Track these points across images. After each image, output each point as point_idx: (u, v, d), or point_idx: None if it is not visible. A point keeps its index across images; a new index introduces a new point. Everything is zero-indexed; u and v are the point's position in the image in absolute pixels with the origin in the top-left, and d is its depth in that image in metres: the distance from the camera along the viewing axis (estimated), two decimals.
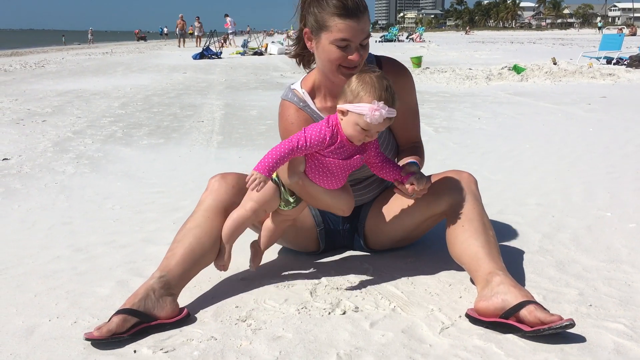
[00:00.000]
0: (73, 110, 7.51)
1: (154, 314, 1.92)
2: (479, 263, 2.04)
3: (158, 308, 1.94)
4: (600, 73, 11.47)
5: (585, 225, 2.95)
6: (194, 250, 2.10)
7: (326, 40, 2.04)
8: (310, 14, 2.06)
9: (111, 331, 1.81)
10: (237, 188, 2.23)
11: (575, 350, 1.76)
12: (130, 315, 1.87)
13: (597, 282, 2.26)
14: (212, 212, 2.17)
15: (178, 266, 2.06)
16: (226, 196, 2.20)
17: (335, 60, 2.05)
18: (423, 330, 1.91)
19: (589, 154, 4.66)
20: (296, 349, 1.80)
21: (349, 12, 1.99)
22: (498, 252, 2.11)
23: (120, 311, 1.89)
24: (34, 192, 3.70)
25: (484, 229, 2.13)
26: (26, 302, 2.15)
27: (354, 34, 2.01)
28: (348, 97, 1.94)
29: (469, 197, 2.20)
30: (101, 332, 1.80)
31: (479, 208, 2.20)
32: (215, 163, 4.61)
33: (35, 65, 17.31)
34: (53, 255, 2.64)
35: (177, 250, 2.10)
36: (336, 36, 2.01)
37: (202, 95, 9.26)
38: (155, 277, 2.02)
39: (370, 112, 1.88)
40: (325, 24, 2.02)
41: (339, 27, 2.00)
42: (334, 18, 2.00)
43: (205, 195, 2.23)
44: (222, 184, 2.23)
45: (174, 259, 2.08)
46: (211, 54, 20.46)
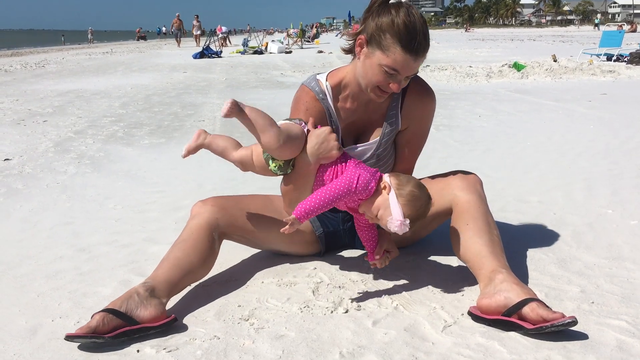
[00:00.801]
0: (74, 110, 7.52)
1: (136, 315, 1.88)
2: (482, 261, 2.05)
3: (141, 309, 1.90)
4: (600, 70, 11.46)
5: (587, 222, 2.95)
6: (179, 258, 2.12)
7: (377, 60, 2.00)
8: (376, 26, 1.99)
9: (91, 328, 1.78)
10: (217, 207, 2.27)
11: (578, 347, 1.76)
12: (111, 314, 1.84)
13: (599, 279, 2.27)
14: (196, 228, 2.21)
15: (164, 274, 2.07)
16: (208, 215, 2.24)
17: (377, 82, 2.05)
18: (425, 328, 1.91)
19: (589, 151, 4.66)
20: (299, 347, 1.80)
21: (413, 49, 1.96)
22: (502, 250, 2.11)
23: (101, 310, 1.87)
24: (35, 193, 3.71)
25: (488, 228, 2.13)
26: (29, 302, 2.15)
27: (406, 69, 2.00)
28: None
29: (475, 197, 2.20)
30: (81, 330, 1.78)
31: (484, 208, 2.20)
32: (216, 162, 4.59)
33: (35, 66, 17.31)
34: (55, 255, 2.64)
35: (163, 262, 2.13)
36: (389, 63, 1.98)
37: (203, 95, 9.26)
38: (141, 283, 2.02)
39: (400, 225, 1.94)
40: (385, 45, 1.97)
41: (396, 57, 1.97)
42: (397, 46, 1.96)
43: (189, 219, 2.28)
44: (202, 207, 2.28)
45: (160, 269, 2.10)
46: (211, 53, 20.46)
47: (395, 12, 1.97)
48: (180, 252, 2.14)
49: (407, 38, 1.94)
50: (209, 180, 3.97)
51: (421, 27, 1.97)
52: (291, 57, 19.70)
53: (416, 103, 2.24)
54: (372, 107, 2.26)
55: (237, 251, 2.62)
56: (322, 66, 14.86)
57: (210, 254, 2.21)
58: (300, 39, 30.09)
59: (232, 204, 2.34)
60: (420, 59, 2.00)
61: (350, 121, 2.28)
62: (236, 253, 2.60)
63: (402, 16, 1.95)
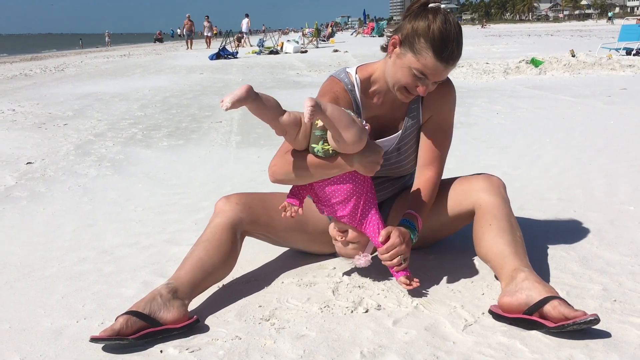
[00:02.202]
0: (93, 113, 7.61)
1: (159, 317, 1.90)
2: (504, 260, 2.04)
3: (164, 311, 1.92)
4: (619, 64, 11.32)
5: (608, 219, 2.92)
6: (202, 259, 2.12)
7: (408, 62, 2.03)
8: (412, 29, 2.01)
9: (115, 331, 1.81)
10: (241, 205, 2.26)
11: (600, 346, 1.75)
12: (135, 316, 1.87)
13: (621, 277, 2.25)
14: (219, 228, 2.20)
15: (186, 275, 2.07)
16: (232, 213, 2.23)
17: (405, 83, 2.08)
18: (446, 327, 1.91)
19: (610, 147, 4.61)
20: (320, 347, 1.81)
21: (444, 57, 1.98)
22: (524, 250, 2.11)
23: (125, 312, 1.89)
24: (58, 195, 3.76)
25: (511, 229, 2.13)
26: (54, 304, 2.19)
27: (436, 75, 2.03)
28: None
29: (498, 198, 2.19)
30: (105, 332, 1.80)
31: (507, 209, 2.19)
32: (234, 163, 4.64)
33: (54, 69, 17.54)
34: (78, 257, 2.68)
35: (186, 263, 2.13)
36: (419, 67, 2.01)
37: (220, 96, 9.30)
38: (163, 284, 2.03)
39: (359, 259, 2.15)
40: (417, 49, 2.00)
41: (427, 62, 1.99)
42: (429, 52, 1.98)
43: (213, 216, 2.27)
44: (227, 204, 2.26)
45: (182, 270, 2.10)
46: (227, 54, 20.56)
47: (433, 18, 1.98)
48: (204, 252, 2.15)
49: (441, 46, 1.96)
50: (228, 182, 4.00)
51: (455, 36, 1.99)
52: (307, 57, 19.73)
53: (436, 94, 2.24)
54: (397, 104, 2.29)
55: (257, 252, 2.64)
56: (337, 65, 14.86)
57: (232, 254, 2.22)
58: (316, 39, 30.10)
59: (257, 201, 2.33)
60: (450, 67, 2.03)
61: (374, 115, 2.29)
62: (256, 254, 2.62)
63: (439, 23, 1.97)
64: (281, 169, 2.09)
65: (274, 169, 2.12)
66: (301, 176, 2.07)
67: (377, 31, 41.31)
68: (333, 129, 1.91)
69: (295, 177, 2.08)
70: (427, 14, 2.00)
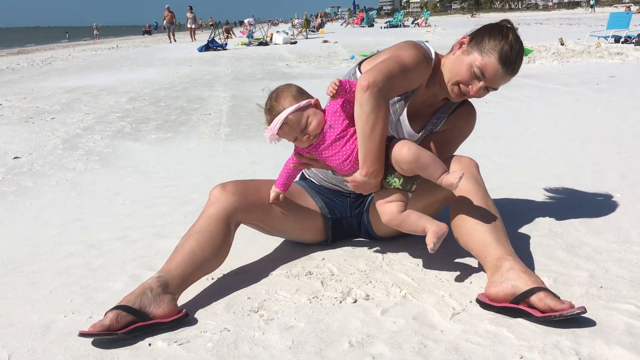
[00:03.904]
0: (81, 107, 7.55)
1: (149, 312, 1.90)
2: (487, 249, 2.05)
3: (154, 306, 1.91)
4: (608, 52, 11.37)
5: (595, 206, 2.94)
6: (195, 252, 2.10)
7: (472, 59, 2.15)
8: (487, 34, 2.16)
9: (104, 326, 1.80)
10: (237, 194, 2.24)
11: (587, 332, 1.77)
12: (125, 311, 1.86)
13: (608, 264, 2.26)
14: (214, 218, 2.18)
15: (178, 267, 2.06)
16: (227, 204, 2.21)
17: (460, 76, 2.17)
18: (434, 316, 1.92)
19: (598, 135, 4.63)
20: (308, 338, 1.82)
21: (505, 62, 2.12)
22: (506, 236, 2.11)
23: (114, 307, 1.88)
24: (45, 190, 3.74)
25: (489, 214, 2.13)
26: (41, 299, 2.18)
27: (492, 77, 2.14)
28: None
29: (471, 181, 2.19)
30: (95, 328, 1.79)
31: (482, 192, 2.19)
32: (223, 156, 4.63)
33: (42, 63, 17.38)
34: (66, 251, 2.67)
35: (178, 254, 2.11)
36: (481, 65, 2.12)
37: (209, 88, 9.27)
38: (154, 277, 2.01)
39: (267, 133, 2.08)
40: (484, 50, 2.13)
41: (489, 62, 2.12)
42: (494, 55, 2.11)
43: (207, 205, 2.24)
44: (223, 193, 2.24)
45: (174, 262, 2.08)
46: (216, 46, 20.45)
47: (507, 32, 2.16)
48: (196, 244, 2.12)
49: (507, 51, 2.12)
50: (217, 174, 3.99)
51: (520, 53, 2.16)
52: (296, 48, 19.66)
53: (464, 115, 2.42)
54: (436, 102, 2.37)
55: (246, 244, 2.64)
56: (327, 56, 14.83)
57: (225, 246, 2.20)
58: (305, 29, 29.99)
59: (252, 190, 2.31)
60: (507, 75, 2.15)
61: (414, 98, 2.32)
62: (245, 246, 2.62)
63: (511, 36, 2.14)
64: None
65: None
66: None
67: (366, 21, 41.22)
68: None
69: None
70: (503, 28, 2.18)
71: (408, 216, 2.09)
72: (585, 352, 1.67)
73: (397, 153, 2.03)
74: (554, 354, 1.66)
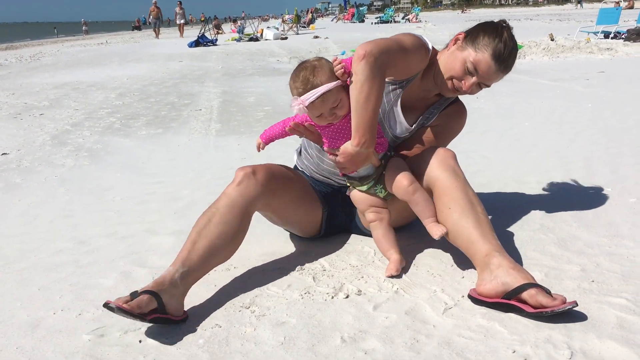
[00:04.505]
0: (70, 103, 7.49)
1: (168, 304, 1.86)
2: (474, 246, 2.03)
3: (173, 300, 1.88)
4: (598, 48, 11.42)
5: (586, 201, 2.95)
6: (217, 248, 2.05)
7: (465, 55, 2.17)
8: (481, 31, 2.18)
9: (140, 308, 1.76)
10: (266, 187, 2.18)
11: (579, 326, 1.77)
12: (156, 299, 1.82)
13: (599, 258, 2.27)
14: (239, 210, 2.11)
15: (200, 261, 2.00)
16: (254, 194, 2.15)
17: (454, 71, 2.19)
18: (426, 311, 1.92)
19: (588, 130, 4.65)
20: (300, 333, 1.81)
21: (498, 59, 2.14)
22: (490, 228, 2.08)
23: (149, 292, 1.83)
24: (34, 186, 3.70)
25: (471, 207, 2.09)
26: (30, 296, 2.15)
27: (485, 73, 2.16)
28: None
29: (448, 174, 2.16)
30: (131, 306, 1.74)
31: (461, 184, 2.15)
32: (214, 151, 4.61)
33: (30, 59, 17.23)
34: (56, 248, 2.64)
35: (200, 245, 2.02)
36: (474, 61, 2.15)
37: (199, 84, 9.22)
38: (179, 270, 1.95)
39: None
40: (478, 46, 2.15)
41: (482, 58, 2.14)
42: (487, 51, 2.14)
43: (234, 188, 2.15)
44: (252, 181, 2.16)
45: (196, 253, 2.01)
46: (207, 42, 20.35)
47: (501, 30, 2.18)
48: (220, 239, 2.05)
49: (500, 48, 2.13)
50: (208, 170, 3.97)
51: (513, 49, 2.18)
52: (287, 44, 19.61)
53: (455, 113, 2.45)
54: (429, 97, 2.38)
55: None
56: (318, 52, 14.79)
57: (241, 237, 2.16)
58: (296, 25, 29.92)
59: (280, 185, 2.27)
60: (499, 72, 2.17)
61: (408, 89, 2.33)
62: None
63: (505, 34, 2.17)
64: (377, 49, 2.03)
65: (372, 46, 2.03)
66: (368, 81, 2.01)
67: (357, 17, 41.19)
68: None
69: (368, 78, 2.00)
70: (498, 27, 2.20)
71: (383, 235, 2.27)
72: (577, 345, 1.67)
73: (398, 182, 2.15)
74: (546, 348, 1.66)
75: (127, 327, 1.88)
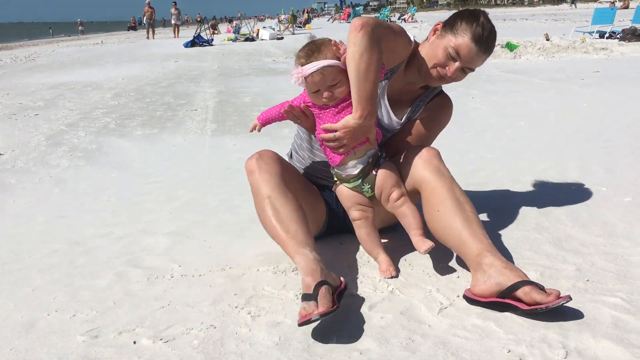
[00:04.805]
0: (65, 103, 7.47)
1: (333, 285, 1.89)
2: (464, 247, 2.03)
3: (331, 278, 1.91)
4: (593, 47, 11.44)
5: (581, 200, 2.95)
6: (304, 221, 2.12)
7: (446, 41, 2.22)
8: (458, 18, 2.23)
9: (329, 306, 1.74)
10: (279, 164, 2.22)
11: (574, 325, 1.77)
12: (329, 286, 1.84)
13: (594, 257, 2.27)
14: (279, 186, 2.15)
15: (308, 237, 2.06)
16: (276, 169, 2.20)
17: (437, 59, 2.23)
18: (422, 311, 1.91)
19: (583, 129, 4.66)
20: (295, 334, 1.80)
21: (478, 41, 2.18)
22: (480, 226, 2.07)
23: (322, 283, 1.82)
24: (28, 187, 3.69)
25: (459, 207, 2.09)
26: (25, 297, 2.14)
27: (467, 56, 2.20)
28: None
29: (434, 174, 2.16)
30: (327, 307, 1.73)
31: (448, 184, 2.14)
32: (209, 151, 4.60)
33: (25, 59, 17.18)
34: (50, 249, 2.63)
35: (293, 227, 2.07)
36: (455, 45, 2.20)
37: (195, 84, 9.21)
38: (317, 258, 1.96)
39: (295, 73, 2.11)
40: (457, 32, 2.20)
41: (462, 42, 2.19)
42: (467, 33, 2.18)
43: (258, 177, 2.18)
44: (262, 163, 2.21)
45: (311, 239, 2.07)
46: (202, 42, 20.33)
47: (478, 15, 2.24)
48: (299, 213, 2.12)
49: (479, 31, 2.18)
50: (204, 170, 3.96)
51: (491, 31, 2.23)
52: (283, 44, 19.60)
53: (440, 104, 2.49)
54: (414, 89, 2.42)
55: (232, 239, 2.63)
56: None
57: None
58: (292, 25, 29.91)
59: (286, 168, 2.29)
60: (482, 54, 2.21)
61: (392, 83, 2.35)
62: (231, 242, 2.61)
63: (482, 18, 2.22)
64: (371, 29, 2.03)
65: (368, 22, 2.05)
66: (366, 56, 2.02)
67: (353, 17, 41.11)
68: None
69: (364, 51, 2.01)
70: (474, 11, 2.27)
71: (368, 234, 2.28)
72: (573, 345, 1.67)
73: (387, 194, 2.21)
74: (541, 348, 1.66)
75: (122, 328, 1.87)
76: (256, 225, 2.56)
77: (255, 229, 2.61)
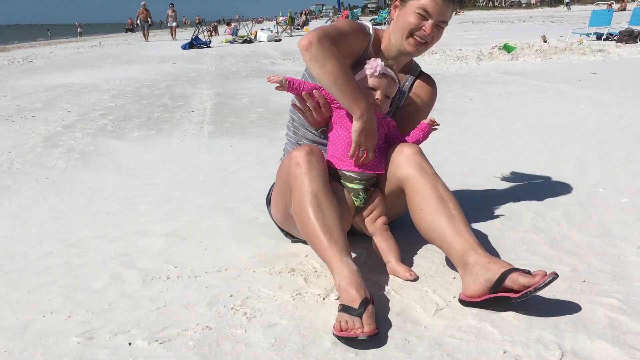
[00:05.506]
0: (62, 105, 7.45)
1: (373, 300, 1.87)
2: (449, 246, 2.03)
3: (369, 294, 1.88)
4: (590, 49, 11.46)
5: (578, 201, 2.96)
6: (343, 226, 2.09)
7: (410, 8, 2.29)
8: None
9: (374, 331, 1.72)
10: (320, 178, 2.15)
11: (569, 326, 1.77)
12: (372, 304, 1.82)
13: (590, 258, 2.27)
14: (323, 185, 2.11)
15: (345, 243, 2.03)
16: (326, 172, 2.18)
17: (411, 24, 2.29)
18: (417, 312, 1.91)
19: (580, 130, 4.66)
20: (291, 335, 1.80)
21: None
22: (464, 223, 2.05)
23: (368, 302, 1.80)
24: (24, 188, 3.68)
25: (442, 205, 2.08)
26: (19, 299, 2.13)
27: (436, 11, 2.27)
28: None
29: (417, 172, 2.16)
30: (370, 330, 1.71)
31: (430, 181, 2.14)
32: (207, 153, 4.59)
33: (23, 61, 17.16)
34: (45, 250, 2.62)
35: (336, 234, 2.03)
36: (421, 6, 2.26)
37: (192, 85, 9.20)
38: (356, 267, 1.94)
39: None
40: None
41: (425, 1, 2.25)
42: None
43: (304, 174, 2.10)
44: (313, 159, 2.13)
45: (343, 242, 2.02)
46: (200, 44, 20.33)
47: None
48: (339, 216, 2.09)
49: None
50: (201, 172, 3.95)
51: None
52: (280, 45, 19.60)
53: (423, 86, 2.54)
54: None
55: (227, 240, 2.62)
56: None
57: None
58: (290, 27, 29.93)
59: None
60: (448, 3, 2.27)
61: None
62: (227, 242, 2.60)
63: None
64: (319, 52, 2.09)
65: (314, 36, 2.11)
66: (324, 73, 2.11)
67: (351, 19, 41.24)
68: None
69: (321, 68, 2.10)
70: None
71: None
72: (568, 345, 1.67)
73: (378, 215, 2.31)
74: (537, 348, 1.66)
75: (117, 330, 1.86)
76: (252, 227, 2.57)
77: (251, 230, 2.61)
